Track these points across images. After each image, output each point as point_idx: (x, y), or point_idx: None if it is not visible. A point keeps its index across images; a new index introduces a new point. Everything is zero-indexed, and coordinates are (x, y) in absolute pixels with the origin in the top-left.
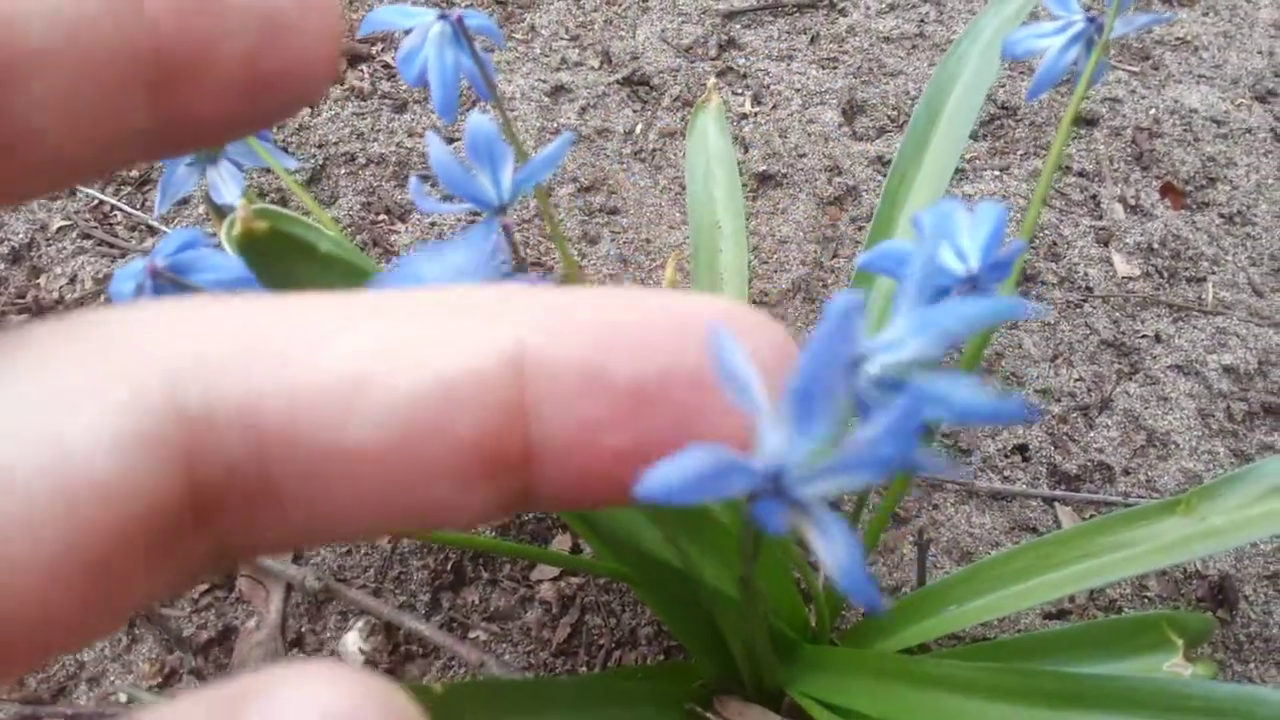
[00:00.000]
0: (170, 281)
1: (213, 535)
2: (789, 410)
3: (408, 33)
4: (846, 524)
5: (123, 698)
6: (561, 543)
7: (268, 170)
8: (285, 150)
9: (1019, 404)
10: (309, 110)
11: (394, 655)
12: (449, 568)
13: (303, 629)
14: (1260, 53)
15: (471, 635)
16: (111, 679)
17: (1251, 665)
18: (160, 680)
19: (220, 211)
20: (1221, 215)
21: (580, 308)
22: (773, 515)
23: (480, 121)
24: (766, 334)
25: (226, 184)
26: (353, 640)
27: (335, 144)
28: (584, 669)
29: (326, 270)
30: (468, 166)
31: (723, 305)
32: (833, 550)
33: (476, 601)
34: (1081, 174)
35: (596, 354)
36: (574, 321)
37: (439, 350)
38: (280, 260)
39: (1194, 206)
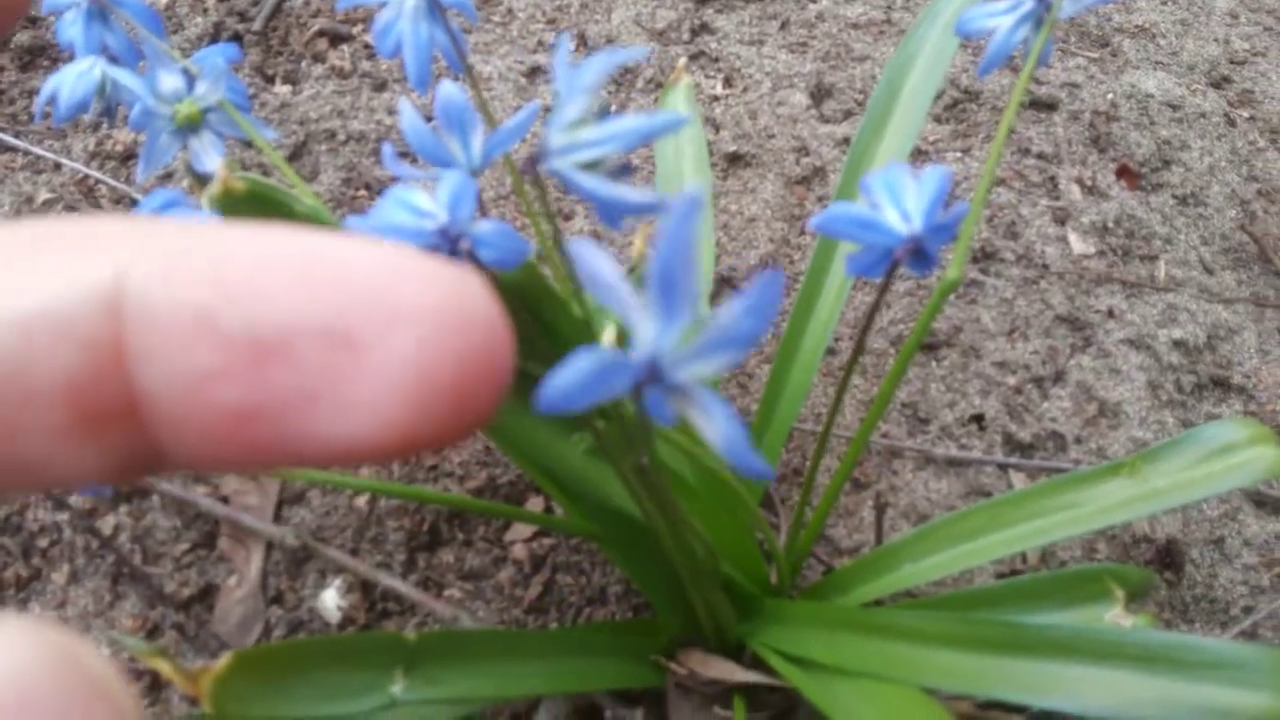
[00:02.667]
0: None
1: None
2: (652, 301)
3: (383, 6)
4: (726, 403)
5: (105, 650)
6: (534, 505)
7: (250, 146)
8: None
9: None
10: (291, 88)
11: (371, 612)
12: (425, 528)
13: (282, 586)
14: (1216, 40)
15: (446, 593)
16: (95, 635)
17: (1197, 625)
18: (143, 636)
19: (202, 180)
20: (1175, 196)
21: (201, 244)
22: (658, 404)
23: (451, 89)
24: (438, 289)
25: (208, 152)
26: (330, 597)
27: (316, 121)
28: (555, 625)
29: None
30: (439, 135)
31: (380, 253)
32: (716, 428)
33: (451, 561)
34: (1040, 156)
35: (209, 296)
36: (189, 258)
37: (14, 285)
38: (257, 218)
39: (1149, 188)
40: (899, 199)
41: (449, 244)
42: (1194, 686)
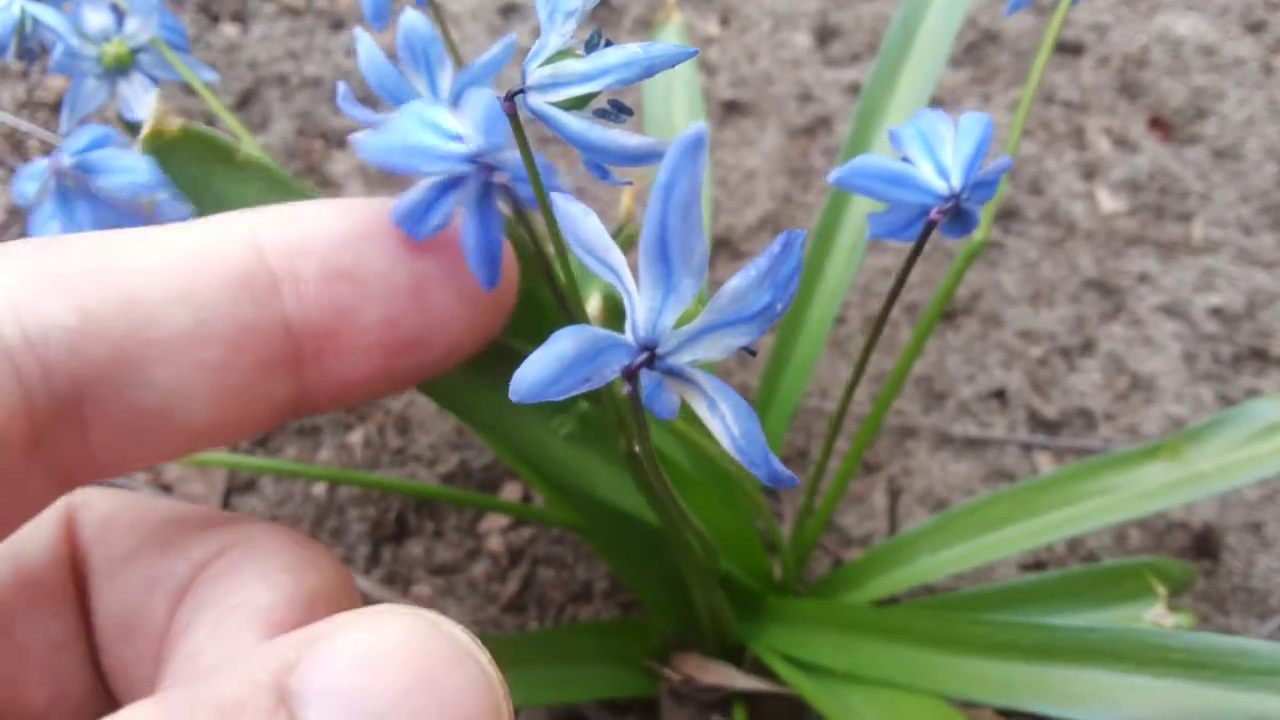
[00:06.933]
0: (76, 183)
1: (47, 460)
2: (647, 269)
3: None
4: (735, 393)
5: None
6: (511, 492)
7: (193, 93)
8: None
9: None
10: (239, 27)
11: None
12: (391, 517)
13: None
14: None
15: (414, 590)
16: None
17: (1234, 618)
18: None
19: (134, 130)
20: (1211, 150)
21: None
22: (656, 393)
23: (415, 19)
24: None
25: (140, 98)
26: None
27: (267, 64)
28: (535, 624)
29: (245, 177)
30: (402, 72)
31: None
32: (725, 421)
33: (420, 554)
34: (1066, 104)
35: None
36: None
37: (188, 247)
38: (195, 164)
39: (1183, 140)
40: (935, 151)
41: (483, 174)
42: (1247, 695)
